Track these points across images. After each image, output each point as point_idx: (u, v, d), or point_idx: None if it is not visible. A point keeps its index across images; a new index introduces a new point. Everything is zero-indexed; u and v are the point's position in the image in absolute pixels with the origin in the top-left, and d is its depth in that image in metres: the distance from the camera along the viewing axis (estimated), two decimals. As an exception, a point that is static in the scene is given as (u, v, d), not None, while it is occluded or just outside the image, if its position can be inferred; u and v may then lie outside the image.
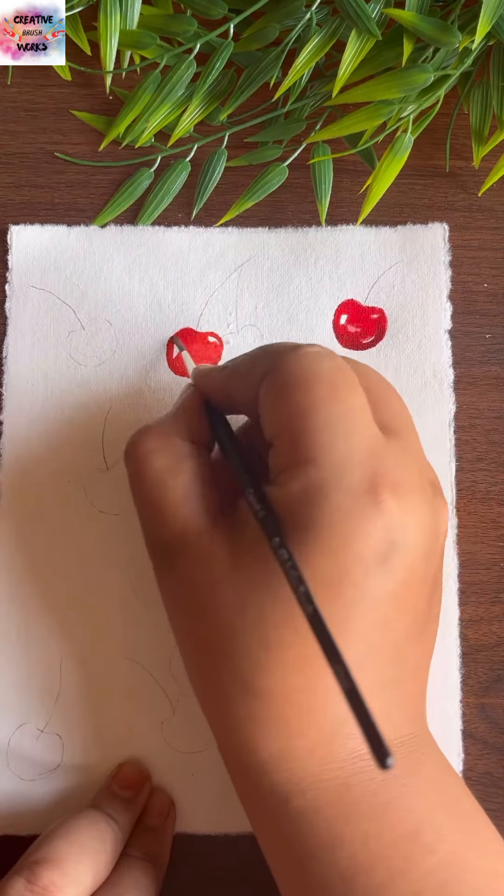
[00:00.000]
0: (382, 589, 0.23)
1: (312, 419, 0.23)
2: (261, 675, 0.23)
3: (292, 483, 0.23)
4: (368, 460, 0.23)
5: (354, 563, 0.22)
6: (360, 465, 0.23)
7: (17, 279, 0.34)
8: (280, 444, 0.24)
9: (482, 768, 0.32)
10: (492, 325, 0.35)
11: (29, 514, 0.33)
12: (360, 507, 0.22)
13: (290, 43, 0.33)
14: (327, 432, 0.23)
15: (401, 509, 0.23)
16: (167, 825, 0.31)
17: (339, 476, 0.23)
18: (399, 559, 0.23)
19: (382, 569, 0.23)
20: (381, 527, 0.22)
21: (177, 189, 0.35)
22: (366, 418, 0.24)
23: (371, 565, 0.22)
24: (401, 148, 0.33)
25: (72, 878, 0.26)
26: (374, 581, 0.23)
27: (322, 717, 0.24)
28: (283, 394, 0.24)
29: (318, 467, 0.23)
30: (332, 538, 0.22)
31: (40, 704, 0.32)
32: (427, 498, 0.24)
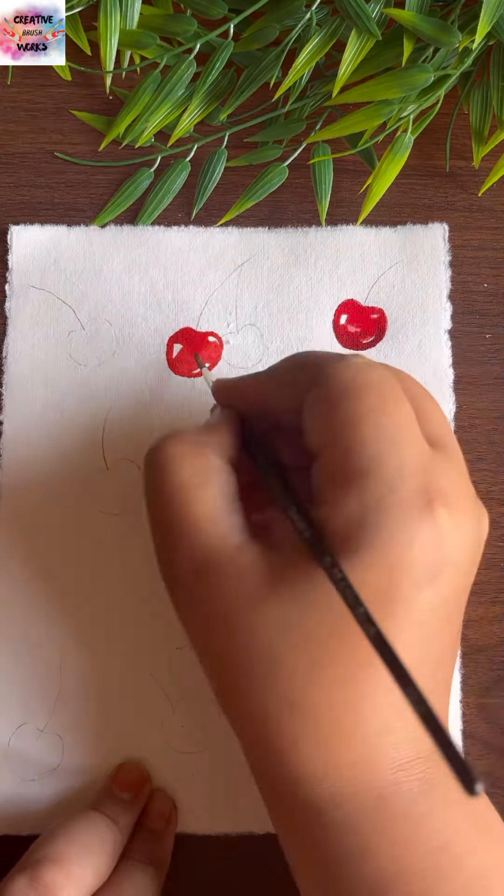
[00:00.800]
0: (429, 605, 0.23)
1: (364, 430, 0.23)
2: (308, 693, 0.23)
3: (347, 498, 0.23)
4: (421, 473, 0.23)
5: (407, 578, 0.22)
6: (413, 478, 0.23)
7: (17, 279, 0.34)
8: (328, 454, 0.24)
9: (482, 768, 0.32)
10: (492, 325, 0.35)
11: (29, 514, 0.33)
12: (416, 520, 0.22)
13: (290, 43, 0.33)
14: (379, 444, 0.23)
15: (452, 524, 0.23)
16: (168, 828, 0.31)
17: (395, 489, 0.22)
18: (447, 576, 0.23)
19: (432, 584, 0.23)
20: (435, 542, 0.22)
21: (177, 189, 0.35)
22: (415, 430, 0.24)
23: (422, 581, 0.22)
24: (401, 148, 0.33)
25: (73, 877, 0.26)
26: (423, 597, 0.22)
27: (368, 728, 0.23)
28: (332, 403, 0.24)
29: (373, 480, 0.22)
30: (389, 552, 0.22)
31: (40, 704, 0.32)
32: (475, 510, 0.24)
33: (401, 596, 0.22)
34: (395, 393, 0.24)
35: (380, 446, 0.23)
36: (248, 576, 0.24)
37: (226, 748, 0.31)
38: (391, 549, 0.22)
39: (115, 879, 0.28)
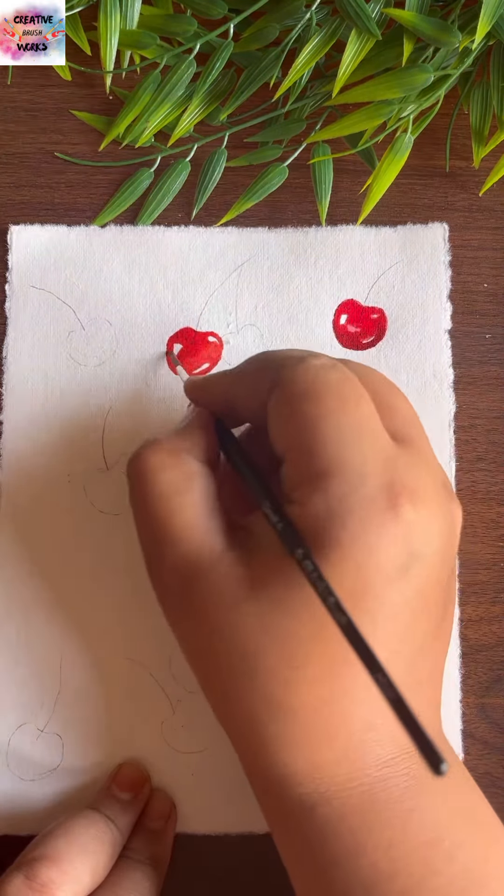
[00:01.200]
0: (402, 597, 0.23)
1: (324, 431, 0.23)
2: (288, 692, 0.23)
3: (313, 498, 0.23)
4: (384, 470, 0.23)
5: (376, 574, 0.22)
6: (376, 476, 0.23)
7: (17, 279, 0.34)
8: (292, 457, 0.24)
9: (482, 768, 0.32)
10: (492, 325, 0.35)
11: (29, 514, 0.33)
12: (380, 518, 0.22)
13: (290, 43, 0.33)
14: (340, 444, 0.23)
15: (419, 517, 0.23)
16: (168, 828, 0.31)
17: (357, 487, 0.23)
18: (418, 568, 0.23)
19: (403, 578, 0.23)
20: (401, 537, 0.23)
21: (177, 189, 0.35)
22: (376, 427, 0.24)
23: (392, 575, 0.23)
24: (401, 148, 0.33)
25: (70, 875, 0.26)
26: (394, 590, 0.23)
27: (350, 726, 0.24)
28: (292, 407, 0.24)
29: (336, 480, 0.23)
30: (357, 550, 0.22)
31: (40, 704, 0.32)
32: (442, 502, 0.24)
33: (372, 591, 0.22)
34: (354, 393, 0.24)
35: (340, 447, 0.23)
36: (230, 579, 0.24)
37: (226, 748, 0.31)
38: (358, 545, 0.22)
39: (114, 879, 0.28)
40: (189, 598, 0.25)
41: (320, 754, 0.24)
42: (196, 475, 0.26)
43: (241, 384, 0.27)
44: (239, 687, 0.24)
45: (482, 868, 0.24)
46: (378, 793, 0.24)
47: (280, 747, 0.24)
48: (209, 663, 0.25)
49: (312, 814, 0.24)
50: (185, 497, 0.25)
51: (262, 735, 0.24)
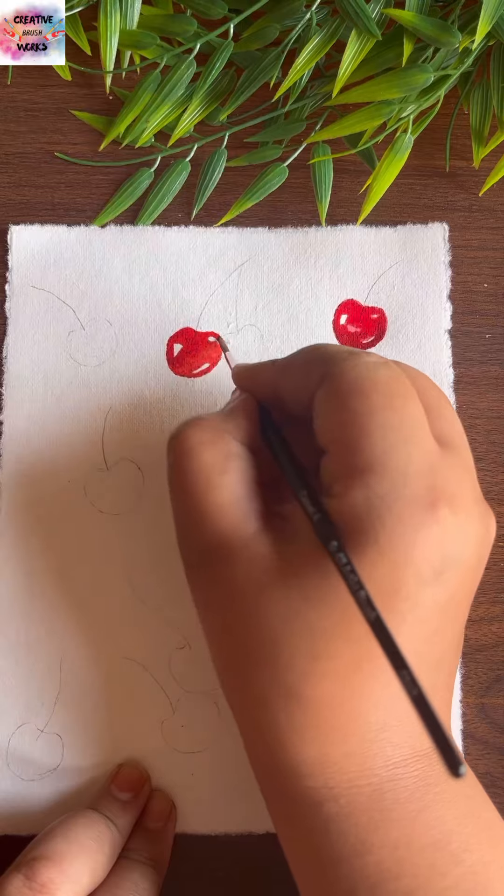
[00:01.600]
0: (433, 601, 0.23)
1: (369, 427, 0.23)
2: (307, 683, 0.23)
3: (352, 493, 0.23)
4: (427, 472, 0.23)
5: (411, 574, 0.22)
6: (420, 476, 0.23)
7: (17, 279, 0.34)
8: (336, 450, 0.24)
9: (482, 768, 0.32)
10: (492, 325, 0.35)
11: (29, 513, 0.33)
12: (420, 519, 0.22)
13: (290, 43, 0.33)
14: (386, 441, 0.23)
15: (457, 522, 0.23)
16: (168, 828, 0.31)
17: (399, 487, 0.23)
18: (452, 573, 0.23)
19: (436, 582, 0.23)
20: (439, 540, 0.22)
21: (177, 189, 0.35)
22: (423, 428, 0.24)
23: (426, 578, 0.23)
24: (401, 148, 0.33)
25: (70, 875, 0.26)
26: (427, 593, 0.23)
27: (364, 725, 0.24)
28: (340, 401, 0.24)
29: (379, 477, 0.23)
30: (393, 549, 0.22)
31: (40, 704, 0.32)
32: (481, 511, 0.24)
33: (405, 592, 0.22)
34: (403, 391, 0.24)
35: (386, 444, 0.23)
36: (260, 562, 0.24)
37: (226, 748, 0.31)
38: (395, 545, 0.22)
39: (113, 879, 0.28)
40: (217, 576, 0.25)
41: (332, 748, 0.24)
42: (236, 456, 0.26)
43: (290, 375, 0.26)
44: (257, 672, 0.24)
45: (488, 871, 0.24)
46: (386, 792, 0.24)
47: (291, 736, 0.24)
48: (229, 644, 0.25)
49: (319, 809, 0.24)
50: (225, 476, 0.25)
51: (275, 722, 0.24)
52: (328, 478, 0.24)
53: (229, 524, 0.25)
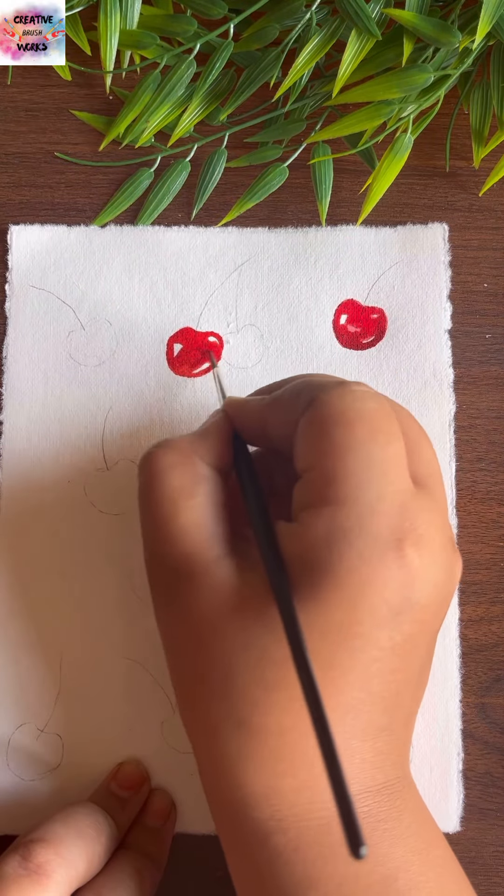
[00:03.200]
0: (390, 641, 0.23)
1: (348, 459, 0.23)
2: (257, 713, 0.23)
3: (317, 522, 0.23)
4: (398, 511, 0.23)
5: (367, 613, 0.22)
6: (388, 515, 0.23)
7: (17, 279, 0.34)
8: (310, 478, 0.24)
9: (482, 768, 0.32)
10: (492, 325, 0.35)
11: (29, 514, 0.33)
12: (381, 557, 0.22)
13: (290, 43, 0.33)
14: (361, 476, 0.23)
15: (422, 564, 0.23)
16: (167, 826, 0.31)
17: (366, 523, 0.22)
18: (411, 614, 0.23)
19: (393, 622, 0.23)
20: (399, 581, 0.22)
21: (177, 189, 0.35)
22: (401, 467, 0.24)
23: (383, 618, 0.22)
24: (401, 148, 0.33)
25: (66, 859, 0.26)
26: (383, 633, 0.23)
27: (314, 758, 0.23)
28: (322, 428, 0.23)
29: (346, 511, 0.22)
30: (349, 586, 0.22)
31: (40, 704, 0.32)
32: (447, 556, 0.24)
33: (358, 630, 0.22)
34: (388, 427, 0.24)
35: (360, 478, 0.23)
36: (220, 588, 0.24)
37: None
38: (353, 580, 0.22)
39: (110, 870, 0.28)
40: (178, 599, 0.25)
41: (280, 780, 0.24)
42: (205, 479, 0.26)
43: (277, 407, 0.26)
44: (211, 699, 0.24)
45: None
46: (335, 826, 0.23)
47: (240, 765, 0.24)
48: (185, 667, 0.25)
49: (266, 842, 0.24)
50: (192, 500, 0.25)
51: (224, 751, 0.24)
52: (297, 504, 0.24)
53: (193, 548, 0.25)
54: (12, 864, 0.25)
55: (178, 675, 0.26)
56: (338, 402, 0.24)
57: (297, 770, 0.23)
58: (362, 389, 0.24)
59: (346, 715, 0.23)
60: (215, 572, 0.24)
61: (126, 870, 0.28)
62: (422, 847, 0.24)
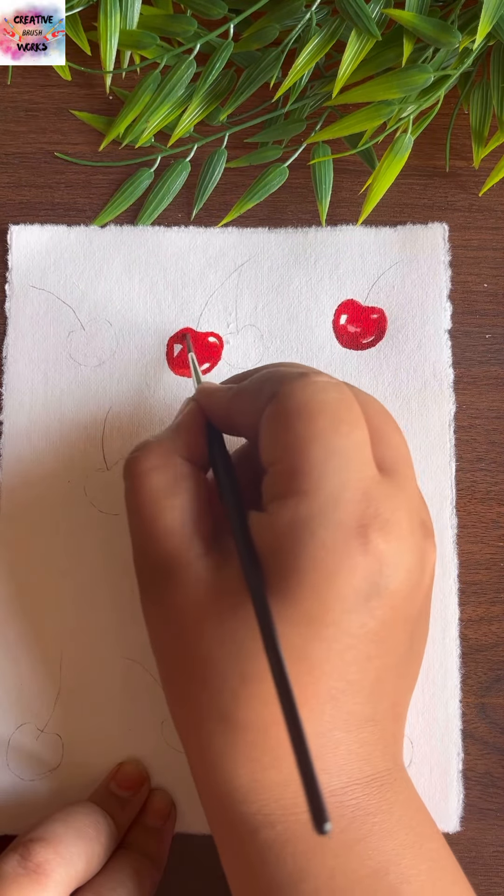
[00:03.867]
0: (363, 628, 0.23)
1: (310, 451, 0.23)
2: (237, 706, 0.23)
3: (281, 513, 0.23)
4: (361, 499, 0.23)
5: (336, 601, 0.22)
6: (351, 503, 0.23)
7: (17, 279, 0.34)
8: (275, 471, 0.24)
9: (482, 768, 0.32)
10: (492, 325, 0.35)
11: (29, 513, 0.33)
12: (346, 545, 0.22)
13: (290, 43, 0.33)
14: (323, 466, 0.23)
15: (388, 549, 0.23)
16: (167, 826, 0.31)
17: (327, 512, 0.22)
18: (381, 600, 0.23)
19: (364, 608, 0.23)
20: (366, 567, 0.22)
21: (177, 189, 0.35)
22: (364, 455, 0.24)
23: (352, 604, 0.22)
24: (401, 148, 0.33)
25: (65, 858, 0.26)
26: (354, 619, 0.23)
27: None
28: (285, 421, 0.24)
29: (309, 501, 0.23)
30: (315, 575, 0.22)
31: (40, 704, 0.32)
32: (416, 540, 0.24)
33: (329, 618, 0.22)
34: (350, 417, 0.24)
35: (323, 468, 0.23)
36: (200, 584, 0.24)
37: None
38: (318, 570, 0.22)
39: (109, 871, 0.28)
40: (161, 597, 0.25)
41: (266, 774, 0.24)
42: (185, 477, 0.26)
43: (242, 398, 0.26)
44: (192, 693, 0.24)
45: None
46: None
47: (225, 759, 0.24)
48: (170, 664, 0.26)
49: (255, 835, 0.24)
50: (173, 500, 0.26)
51: (210, 745, 0.24)
52: (266, 497, 0.24)
53: (175, 547, 0.25)
54: (11, 864, 0.25)
55: (165, 671, 0.26)
56: (299, 394, 0.24)
57: (281, 763, 0.23)
58: (323, 380, 0.24)
59: (324, 705, 0.23)
60: (194, 569, 0.25)
61: (125, 870, 0.28)
62: (413, 840, 0.24)
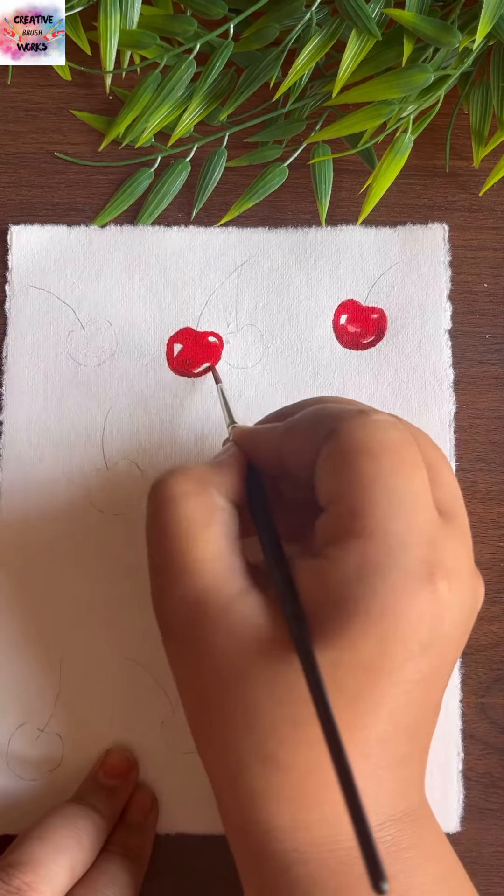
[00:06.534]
0: (419, 674, 0.23)
1: (375, 491, 0.22)
2: (284, 749, 0.23)
3: (347, 558, 0.22)
4: (426, 544, 0.22)
5: (399, 647, 0.22)
6: (418, 547, 0.22)
7: (17, 279, 0.34)
8: (335, 511, 0.23)
9: (482, 768, 0.32)
10: (492, 325, 0.35)
11: (29, 513, 0.33)
12: (414, 592, 0.22)
13: (290, 43, 0.33)
14: (389, 507, 0.22)
15: (451, 598, 0.22)
16: (149, 822, 0.31)
17: (396, 557, 0.22)
18: (439, 647, 0.23)
19: (422, 655, 0.22)
20: (430, 615, 0.22)
21: (177, 189, 0.35)
22: (426, 497, 0.23)
23: (414, 651, 0.22)
24: (401, 148, 0.33)
25: (43, 878, 0.26)
26: (412, 666, 0.22)
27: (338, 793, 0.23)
28: (346, 460, 0.23)
29: (376, 544, 0.22)
30: (382, 621, 0.22)
31: (40, 704, 0.32)
32: (473, 585, 0.24)
33: (391, 666, 0.22)
34: (412, 457, 0.23)
35: (388, 510, 0.22)
36: (243, 626, 0.23)
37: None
38: (386, 616, 0.22)
39: (93, 874, 0.28)
40: (198, 636, 0.24)
41: (306, 813, 0.23)
42: (221, 509, 0.25)
43: (294, 438, 0.25)
44: (232, 735, 0.23)
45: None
46: (356, 857, 0.23)
47: (266, 800, 0.23)
48: (204, 705, 0.25)
49: (287, 873, 0.24)
50: (208, 530, 0.24)
51: (250, 786, 0.23)
52: (323, 538, 0.23)
53: (213, 580, 0.24)
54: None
55: (197, 711, 0.25)
56: (360, 432, 0.23)
57: (323, 804, 0.23)
58: (383, 419, 0.24)
59: (375, 747, 0.23)
60: (237, 609, 0.24)
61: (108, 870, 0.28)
62: (442, 874, 0.24)
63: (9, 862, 0.26)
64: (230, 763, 0.24)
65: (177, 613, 0.25)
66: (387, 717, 0.23)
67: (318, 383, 0.34)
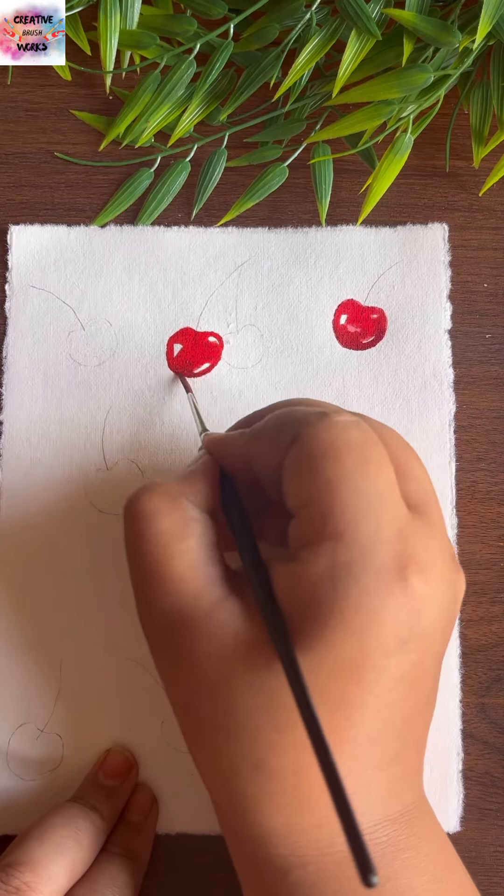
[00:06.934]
0: (400, 670, 0.23)
1: (341, 493, 0.23)
2: (272, 754, 0.23)
3: (318, 560, 0.22)
4: (396, 540, 0.22)
5: (377, 645, 0.22)
6: (389, 545, 0.22)
7: (17, 279, 0.34)
8: (305, 515, 0.23)
9: (482, 768, 0.32)
10: (492, 325, 0.35)
11: (29, 513, 0.33)
12: (387, 589, 0.22)
13: (290, 43, 0.33)
14: (356, 508, 0.22)
15: (427, 591, 0.22)
16: (148, 822, 0.31)
17: (367, 556, 0.22)
18: (419, 642, 0.23)
19: (402, 651, 0.22)
20: (406, 610, 0.22)
21: (177, 189, 0.35)
22: (394, 494, 0.23)
23: (392, 648, 0.22)
24: (401, 148, 0.33)
25: (44, 878, 0.26)
26: (392, 663, 0.22)
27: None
28: (312, 464, 0.23)
29: (346, 545, 0.22)
30: (357, 620, 0.22)
31: (40, 704, 0.32)
32: (450, 578, 0.24)
33: (371, 664, 0.22)
34: (376, 455, 0.23)
35: (356, 510, 0.22)
36: (224, 632, 0.24)
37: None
38: (361, 615, 0.22)
39: (93, 874, 0.28)
40: (181, 646, 0.24)
41: (300, 818, 0.23)
42: (195, 521, 0.25)
43: (260, 442, 0.26)
44: (224, 744, 0.24)
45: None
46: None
47: (260, 806, 0.23)
48: (194, 714, 0.25)
49: (286, 877, 0.24)
50: (184, 543, 0.25)
51: (243, 792, 0.23)
52: (295, 543, 0.24)
53: (190, 593, 0.24)
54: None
55: (189, 721, 0.25)
56: (323, 435, 0.23)
57: (317, 806, 0.23)
58: (344, 419, 0.24)
59: (364, 747, 0.23)
60: (217, 617, 0.24)
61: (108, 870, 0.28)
62: (441, 875, 0.24)
63: (8, 862, 0.26)
64: (223, 769, 0.24)
65: (159, 626, 0.25)
66: (373, 716, 0.23)
67: (318, 383, 0.34)
